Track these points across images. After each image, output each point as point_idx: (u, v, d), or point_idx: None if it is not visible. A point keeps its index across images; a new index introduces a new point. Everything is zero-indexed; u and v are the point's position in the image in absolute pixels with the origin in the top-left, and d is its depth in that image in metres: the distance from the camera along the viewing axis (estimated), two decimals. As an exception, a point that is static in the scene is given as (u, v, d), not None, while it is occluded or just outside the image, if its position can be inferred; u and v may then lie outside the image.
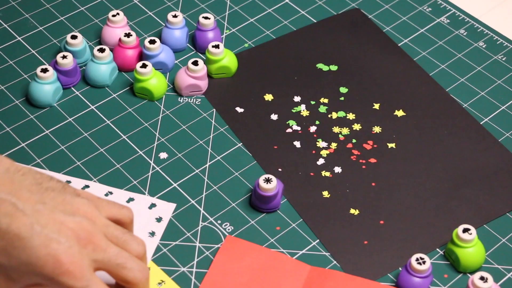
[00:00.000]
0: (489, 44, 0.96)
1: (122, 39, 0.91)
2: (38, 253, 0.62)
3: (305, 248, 0.77)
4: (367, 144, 0.85)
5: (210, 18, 0.94)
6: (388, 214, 0.79)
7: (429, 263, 0.73)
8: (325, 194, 0.81)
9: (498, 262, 0.76)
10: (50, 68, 0.87)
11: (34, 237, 0.63)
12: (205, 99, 0.90)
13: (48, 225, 0.64)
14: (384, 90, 0.91)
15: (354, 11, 1.00)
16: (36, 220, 0.63)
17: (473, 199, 0.81)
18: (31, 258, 0.62)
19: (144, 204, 0.79)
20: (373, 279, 0.74)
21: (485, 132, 0.87)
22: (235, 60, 0.92)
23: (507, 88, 0.91)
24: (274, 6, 1.00)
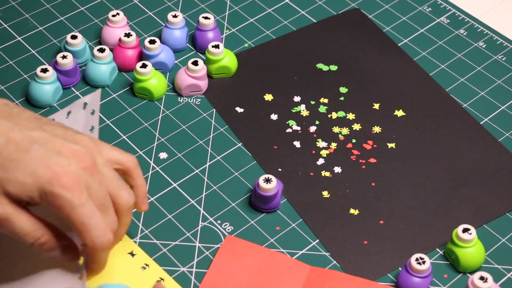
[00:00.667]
0: (489, 44, 0.96)
1: (122, 39, 0.91)
2: (36, 166, 0.62)
3: (305, 248, 0.77)
4: (367, 144, 0.85)
5: (210, 18, 0.94)
6: (388, 214, 0.79)
7: (429, 263, 0.73)
8: (325, 194, 0.81)
9: (498, 262, 0.76)
10: (50, 68, 0.87)
11: (33, 152, 0.63)
12: (205, 99, 0.90)
13: (48, 145, 0.64)
14: (384, 90, 0.91)
15: (354, 11, 1.00)
16: (35, 140, 0.64)
17: (472, 199, 0.81)
18: (27, 169, 0.62)
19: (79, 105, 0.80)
20: (373, 279, 0.74)
21: (484, 132, 0.87)
22: (235, 60, 0.92)
23: (507, 88, 0.91)
24: (274, 6, 1.00)
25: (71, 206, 0.63)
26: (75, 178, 0.64)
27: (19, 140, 0.63)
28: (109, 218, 0.67)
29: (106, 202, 0.66)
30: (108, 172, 0.67)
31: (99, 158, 0.67)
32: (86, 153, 0.66)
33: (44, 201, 0.64)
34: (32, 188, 0.63)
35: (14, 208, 0.64)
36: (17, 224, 0.64)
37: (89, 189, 0.65)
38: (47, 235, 0.65)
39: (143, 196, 0.72)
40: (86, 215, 0.64)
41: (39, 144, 0.64)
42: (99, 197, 0.66)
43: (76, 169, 0.64)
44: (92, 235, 0.65)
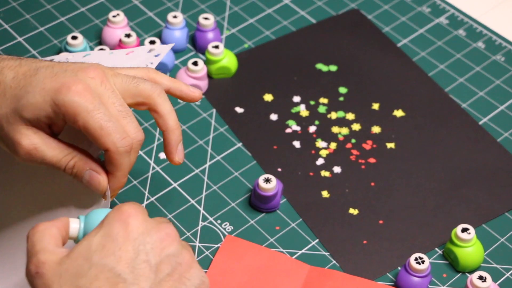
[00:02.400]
0: (488, 44, 0.96)
1: (123, 40, 0.91)
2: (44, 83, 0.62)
3: (304, 247, 0.77)
4: (366, 144, 0.86)
5: (210, 18, 0.94)
6: (387, 213, 0.80)
7: (428, 263, 0.73)
8: (324, 194, 0.81)
9: (497, 262, 0.76)
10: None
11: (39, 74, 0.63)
12: (205, 99, 0.90)
13: (54, 67, 0.63)
14: (383, 90, 0.91)
15: (354, 11, 1.00)
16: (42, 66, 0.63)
17: (472, 199, 0.81)
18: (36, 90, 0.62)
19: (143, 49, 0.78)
20: (372, 278, 0.75)
21: (484, 132, 0.87)
22: (235, 60, 0.92)
23: (506, 89, 0.92)
24: (274, 7, 1.01)
25: (86, 111, 0.62)
26: (84, 84, 0.62)
27: (26, 70, 0.64)
28: (131, 124, 0.64)
29: (124, 108, 0.64)
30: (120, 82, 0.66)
31: (110, 71, 0.66)
32: (94, 66, 0.64)
33: (59, 116, 0.62)
34: (44, 105, 0.62)
35: (40, 137, 0.63)
36: (47, 152, 0.63)
37: (102, 97, 0.63)
38: (77, 157, 0.64)
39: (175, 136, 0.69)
40: (103, 118, 0.62)
41: (45, 68, 0.64)
42: (115, 104, 0.64)
43: (84, 78, 0.63)
44: (113, 138, 0.63)
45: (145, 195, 0.81)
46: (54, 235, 0.57)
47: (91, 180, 0.65)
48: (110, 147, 0.63)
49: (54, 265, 0.55)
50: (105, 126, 0.62)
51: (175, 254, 0.57)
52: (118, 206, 0.58)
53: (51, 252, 0.56)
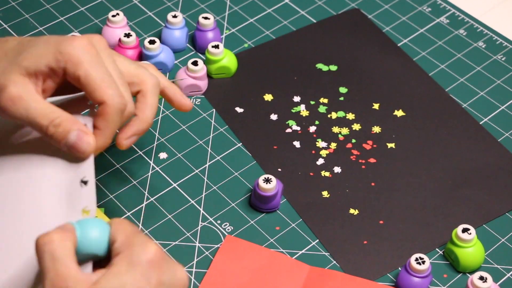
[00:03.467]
0: (489, 44, 0.96)
1: (122, 39, 0.91)
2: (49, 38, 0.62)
3: (304, 248, 0.77)
4: (366, 144, 0.85)
5: (210, 18, 0.94)
6: (388, 214, 0.79)
7: (429, 263, 0.73)
8: (324, 194, 0.81)
9: (498, 262, 0.76)
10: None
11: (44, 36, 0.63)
12: (205, 99, 0.90)
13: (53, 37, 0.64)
14: (384, 90, 0.91)
15: (354, 11, 1.00)
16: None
17: (472, 199, 0.81)
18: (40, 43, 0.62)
19: None
20: (372, 279, 0.74)
21: (484, 132, 0.87)
22: (235, 60, 0.92)
23: (506, 88, 0.92)
24: (274, 6, 1.00)
25: (90, 62, 0.62)
26: (89, 41, 0.63)
27: (31, 37, 0.65)
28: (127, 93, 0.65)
29: (122, 78, 0.64)
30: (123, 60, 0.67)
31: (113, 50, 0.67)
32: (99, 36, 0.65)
33: (60, 65, 0.62)
34: (47, 53, 0.62)
35: (29, 89, 0.62)
36: (32, 104, 0.61)
37: (104, 60, 0.64)
38: (63, 117, 0.62)
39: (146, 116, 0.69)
40: (105, 71, 0.62)
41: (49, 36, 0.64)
42: (115, 71, 0.64)
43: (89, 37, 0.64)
44: (112, 92, 0.62)
45: (145, 195, 0.80)
46: (72, 252, 0.55)
47: (79, 140, 0.62)
48: (108, 100, 0.62)
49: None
50: (106, 79, 0.62)
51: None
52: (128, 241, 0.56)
53: (79, 280, 0.54)
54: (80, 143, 0.62)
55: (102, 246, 0.57)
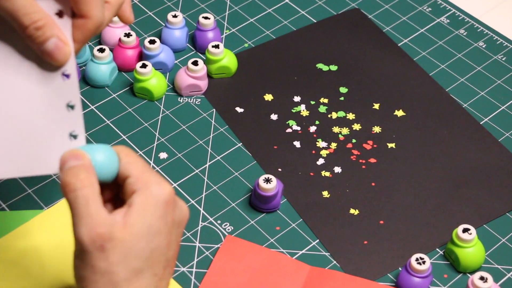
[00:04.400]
0: (489, 44, 0.96)
1: (122, 39, 0.91)
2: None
3: (305, 248, 0.77)
4: (367, 144, 0.85)
5: (210, 18, 0.94)
6: (388, 214, 0.79)
7: (429, 263, 0.73)
8: (325, 194, 0.81)
9: (498, 262, 0.76)
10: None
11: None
12: (205, 99, 0.90)
13: None
14: (384, 90, 0.91)
15: (354, 11, 1.00)
16: None
17: (473, 199, 0.81)
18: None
19: None
20: (373, 279, 0.74)
21: (485, 132, 0.87)
22: (235, 60, 0.92)
23: (507, 88, 0.91)
24: (274, 6, 1.00)
25: None
26: None
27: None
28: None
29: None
30: None
31: None
32: None
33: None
34: None
35: None
36: (18, 1, 0.59)
37: None
38: (45, 20, 0.59)
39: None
40: None
41: None
42: None
43: None
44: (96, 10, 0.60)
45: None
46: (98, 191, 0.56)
47: (56, 49, 0.60)
48: (93, 16, 0.60)
49: (119, 243, 0.55)
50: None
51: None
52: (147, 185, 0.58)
53: (111, 224, 0.55)
54: (57, 52, 0.60)
55: (112, 174, 0.58)
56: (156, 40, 0.90)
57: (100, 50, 0.89)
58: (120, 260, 0.55)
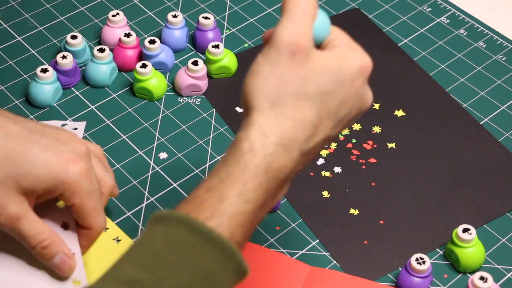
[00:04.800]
0: (489, 44, 0.96)
1: (122, 39, 0.91)
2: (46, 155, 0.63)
3: (305, 248, 0.77)
4: (367, 144, 0.85)
5: (210, 18, 0.94)
6: (388, 214, 0.79)
7: (429, 263, 0.73)
8: (325, 194, 0.81)
9: (498, 262, 0.76)
10: (50, 68, 0.87)
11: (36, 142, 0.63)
12: (205, 99, 0.90)
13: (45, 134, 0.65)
14: (384, 90, 0.91)
15: (354, 11, 1.00)
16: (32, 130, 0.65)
17: (473, 199, 0.81)
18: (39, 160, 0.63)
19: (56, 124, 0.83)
20: (373, 279, 0.74)
21: (485, 132, 0.87)
22: (235, 60, 0.92)
23: (507, 88, 0.91)
24: (274, 6, 1.00)
25: (87, 192, 0.64)
26: (86, 164, 0.64)
27: (18, 132, 0.64)
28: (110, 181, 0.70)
29: (99, 186, 0.67)
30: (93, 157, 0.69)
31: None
32: (79, 139, 0.67)
33: (57, 191, 0.64)
34: (47, 178, 0.63)
35: (25, 207, 0.64)
36: (26, 225, 0.64)
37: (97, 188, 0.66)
38: (51, 239, 0.65)
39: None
40: (97, 199, 0.65)
41: (39, 135, 0.64)
42: (97, 181, 0.67)
43: (82, 154, 0.65)
44: (101, 220, 0.67)
45: (145, 195, 0.80)
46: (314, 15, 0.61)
47: (61, 264, 0.66)
48: (96, 227, 0.67)
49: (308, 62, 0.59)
50: (98, 208, 0.66)
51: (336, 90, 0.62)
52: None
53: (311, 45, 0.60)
54: (63, 266, 0.67)
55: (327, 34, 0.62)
56: (156, 40, 0.90)
57: (100, 50, 0.89)
58: (299, 76, 0.58)
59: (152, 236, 0.54)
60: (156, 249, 0.53)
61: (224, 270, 0.54)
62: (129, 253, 0.54)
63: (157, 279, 0.52)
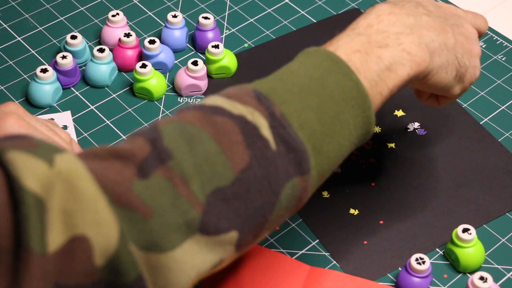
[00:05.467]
0: (489, 44, 0.96)
1: (122, 39, 0.91)
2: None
3: (304, 248, 0.77)
4: (366, 144, 0.85)
5: (210, 18, 0.94)
6: (388, 214, 0.79)
7: (429, 263, 0.73)
8: (324, 194, 0.81)
9: (498, 262, 0.76)
10: (50, 68, 0.87)
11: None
12: (205, 99, 0.89)
13: None
14: (384, 90, 0.91)
15: (354, 11, 1.00)
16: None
17: (472, 199, 0.81)
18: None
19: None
20: (372, 279, 0.74)
21: (485, 132, 0.87)
22: (235, 60, 0.92)
23: (507, 88, 0.91)
24: (274, 6, 1.00)
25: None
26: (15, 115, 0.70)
27: None
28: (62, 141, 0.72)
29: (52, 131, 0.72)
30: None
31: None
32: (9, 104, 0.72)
33: None
34: None
35: None
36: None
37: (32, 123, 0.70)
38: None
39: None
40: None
41: None
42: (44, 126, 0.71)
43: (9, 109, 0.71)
44: None
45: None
46: None
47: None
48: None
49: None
50: None
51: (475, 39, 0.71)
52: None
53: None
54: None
55: None
56: (156, 40, 0.90)
57: (100, 50, 0.89)
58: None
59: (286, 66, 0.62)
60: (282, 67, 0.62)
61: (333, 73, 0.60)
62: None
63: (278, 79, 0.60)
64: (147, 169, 0.51)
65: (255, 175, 0.54)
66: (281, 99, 0.58)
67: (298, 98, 0.58)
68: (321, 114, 0.58)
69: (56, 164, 0.48)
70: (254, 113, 0.56)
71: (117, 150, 0.52)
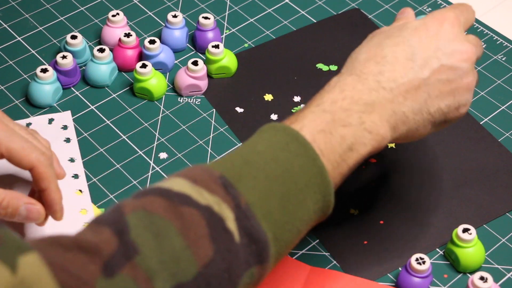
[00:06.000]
0: (489, 44, 0.96)
1: (122, 39, 0.91)
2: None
3: (304, 248, 0.77)
4: (367, 144, 0.85)
5: (210, 18, 0.94)
6: (388, 214, 0.79)
7: (429, 263, 0.72)
8: (325, 194, 0.81)
9: (498, 262, 0.76)
10: (50, 68, 0.87)
11: None
12: (205, 99, 0.90)
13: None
14: (384, 90, 0.91)
15: (354, 11, 1.00)
16: None
17: (473, 199, 0.81)
18: None
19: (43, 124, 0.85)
20: (372, 279, 0.74)
21: (485, 132, 0.87)
22: (235, 60, 0.92)
23: (507, 88, 0.91)
24: (274, 6, 1.00)
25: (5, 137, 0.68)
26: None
27: None
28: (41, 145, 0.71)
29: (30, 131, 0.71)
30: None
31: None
32: None
33: None
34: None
35: None
36: None
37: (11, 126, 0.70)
38: (8, 196, 0.66)
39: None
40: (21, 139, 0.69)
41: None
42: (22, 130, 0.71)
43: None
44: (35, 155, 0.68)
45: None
46: None
47: (29, 213, 0.68)
48: (35, 163, 0.68)
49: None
50: (25, 146, 0.68)
51: (463, 70, 0.68)
52: (441, 10, 0.70)
53: None
54: (31, 215, 0.68)
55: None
56: (156, 40, 0.90)
57: (100, 50, 0.89)
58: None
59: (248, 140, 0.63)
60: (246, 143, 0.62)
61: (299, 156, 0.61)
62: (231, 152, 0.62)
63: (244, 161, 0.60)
64: (113, 267, 0.51)
65: (217, 269, 0.55)
66: (247, 187, 0.58)
67: (263, 186, 0.58)
68: (284, 202, 0.59)
69: (19, 270, 0.47)
70: (221, 204, 0.56)
71: (82, 241, 0.51)
